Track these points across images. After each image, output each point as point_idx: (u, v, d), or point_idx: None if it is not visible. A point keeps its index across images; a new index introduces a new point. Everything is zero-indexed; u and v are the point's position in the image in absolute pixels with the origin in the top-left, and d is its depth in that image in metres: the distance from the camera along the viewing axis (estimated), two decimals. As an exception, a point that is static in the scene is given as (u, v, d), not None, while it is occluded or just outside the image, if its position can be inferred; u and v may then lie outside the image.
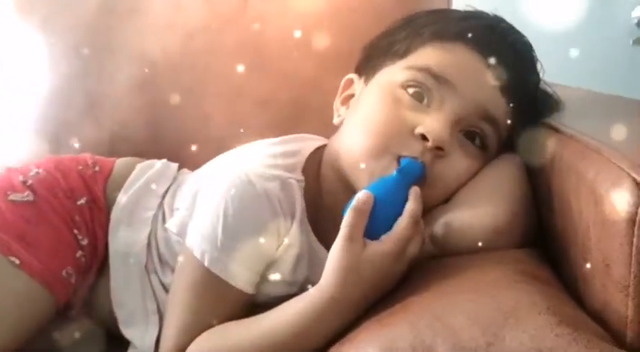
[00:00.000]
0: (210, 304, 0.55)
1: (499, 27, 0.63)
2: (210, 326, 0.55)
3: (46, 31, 0.98)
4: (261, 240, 0.56)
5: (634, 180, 0.37)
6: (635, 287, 0.37)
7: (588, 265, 0.42)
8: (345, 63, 0.77)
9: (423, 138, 0.56)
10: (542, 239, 0.55)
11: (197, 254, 0.56)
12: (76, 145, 0.87)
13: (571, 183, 0.47)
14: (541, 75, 0.65)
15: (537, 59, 0.65)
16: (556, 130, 0.54)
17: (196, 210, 0.60)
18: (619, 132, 0.46)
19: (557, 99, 0.64)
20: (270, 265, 0.59)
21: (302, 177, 0.61)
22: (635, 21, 1.21)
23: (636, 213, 0.36)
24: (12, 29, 1.01)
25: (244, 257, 0.56)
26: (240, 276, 0.56)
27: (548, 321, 0.38)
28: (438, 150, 0.56)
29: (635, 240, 0.36)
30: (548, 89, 0.65)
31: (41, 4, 1.01)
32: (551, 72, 0.94)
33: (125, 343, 0.65)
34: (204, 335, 0.54)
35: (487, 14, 0.65)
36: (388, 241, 0.51)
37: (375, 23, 0.83)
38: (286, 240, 0.59)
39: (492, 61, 0.58)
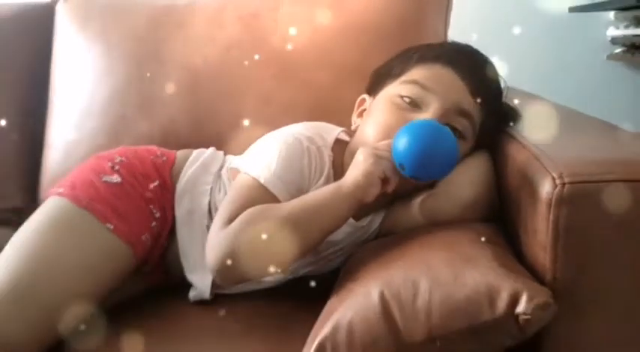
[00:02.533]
0: (250, 203, 0.71)
1: (466, 50, 0.83)
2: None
3: (102, 41, 1.14)
4: (298, 178, 0.76)
5: (552, 177, 0.55)
6: (551, 247, 0.55)
7: (524, 233, 0.60)
8: (357, 75, 0.96)
9: None
10: (500, 217, 0.73)
11: (254, 175, 0.75)
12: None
13: (518, 179, 0.64)
14: (503, 84, 0.83)
15: (497, 73, 0.83)
16: (515, 139, 0.71)
17: (252, 155, 0.80)
18: (559, 143, 0.64)
19: (519, 113, 0.82)
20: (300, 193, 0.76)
21: (331, 153, 0.81)
22: (609, 38, 1.36)
23: (551, 199, 0.54)
24: (72, 39, 1.17)
25: (285, 181, 0.75)
26: (281, 190, 0.74)
27: (493, 266, 0.56)
28: None
29: (551, 216, 0.54)
30: (513, 105, 0.83)
31: (96, 21, 1.17)
32: (532, 84, 1.10)
33: (186, 288, 0.82)
34: (249, 209, 0.70)
35: (458, 43, 0.86)
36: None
37: (381, 41, 1.03)
38: (312, 189, 0.77)
39: (461, 72, 0.77)
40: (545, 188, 0.55)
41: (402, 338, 0.57)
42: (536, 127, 0.73)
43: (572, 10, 1.31)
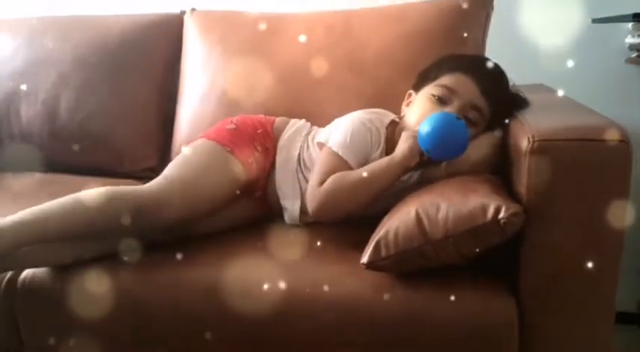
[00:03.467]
0: (335, 169, 1.07)
1: (481, 61, 1.13)
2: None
3: (220, 43, 1.48)
4: (363, 150, 1.11)
5: (528, 137, 0.84)
6: (526, 182, 0.84)
7: (514, 174, 0.91)
8: (412, 72, 1.21)
9: None
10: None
11: (335, 148, 1.09)
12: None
13: (513, 141, 0.94)
14: (510, 83, 1.12)
15: (503, 75, 1.11)
16: (517, 118, 1.00)
17: (333, 134, 1.13)
18: (541, 118, 0.94)
19: (527, 101, 1.09)
20: (364, 163, 1.09)
21: (385, 131, 1.14)
22: (628, 45, 1.58)
23: (526, 151, 0.83)
24: (197, 42, 1.52)
25: (355, 153, 1.09)
26: (353, 160, 1.09)
27: (488, 193, 0.87)
28: None
29: (526, 162, 0.84)
30: (522, 95, 1.11)
31: (216, 28, 1.51)
32: (560, 83, 1.33)
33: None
34: (332, 176, 1.05)
35: (478, 55, 1.17)
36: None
37: (432, 46, 1.29)
38: (373, 156, 1.11)
39: (475, 78, 1.07)
40: (524, 144, 0.86)
41: (428, 236, 0.88)
42: (534, 110, 1.03)
43: (595, 21, 1.55)
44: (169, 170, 1.12)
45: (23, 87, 1.55)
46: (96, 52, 1.55)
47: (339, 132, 1.13)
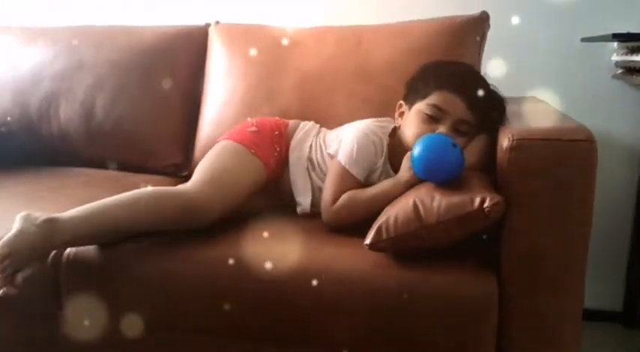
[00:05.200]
0: (345, 185, 1.21)
1: (467, 77, 1.23)
2: (345, 193, 1.20)
3: (242, 54, 1.61)
4: (368, 161, 1.24)
5: (508, 137, 0.98)
6: (506, 175, 0.99)
7: (498, 168, 1.05)
8: None
9: None
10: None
11: (342, 163, 1.23)
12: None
13: (500, 143, 1.07)
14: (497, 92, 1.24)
15: (489, 87, 1.23)
16: (507, 124, 1.14)
17: (341, 146, 1.26)
18: (523, 122, 1.09)
19: (504, 99, 1.24)
20: (370, 173, 1.24)
21: (388, 139, 1.28)
22: (614, 62, 1.69)
23: (507, 148, 0.97)
24: (221, 52, 1.65)
25: (362, 166, 1.23)
26: (360, 174, 1.23)
27: (476, 186, 1.02)
28: None
29: (507, 158, 0.99)
30: (500, 94, 1.24)
31: (238, 39, 1.64)
32: (549, 97, 1.47)
33: (293, 208, 1.31)
34: (344, 195, 1.19)
35: (464, 71, 1.25)
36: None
37: (431, 58, 1.35)
38: (377, 164, 1.25)
39: (461, 95, 1.18)
40: (505, 142, 1.00)
41: (423, 221, 1.02)
42: (522, 116, 1.17)
43: (584, 40, 1.68)
44: (206, 172, 1.24)
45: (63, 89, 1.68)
46: (128, 58, 1.69)
47: (346, 145, 1.25)
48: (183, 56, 1.70)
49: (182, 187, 1.19)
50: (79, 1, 2.05)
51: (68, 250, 1.16)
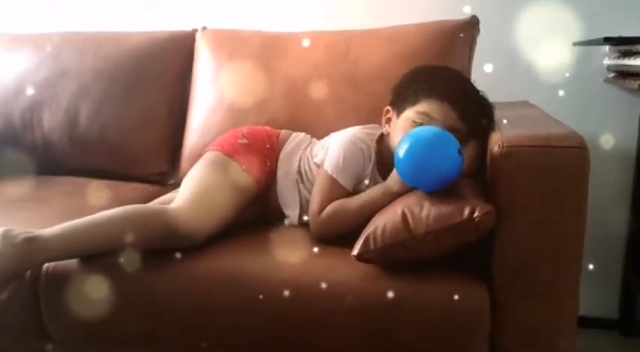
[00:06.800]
0: (332, 194, 1.17)
1: (456, 86, 1.19)
2: (333, 202, 1.16)
3: (230, 60, 1.59)
4: (356, 169, 1.20)
5: (499, 144, 0.95)
6: (496, 182, 0.96)
7: (489, 175, 1.02)
8: None
9: None
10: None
11: (330, 172, 1.19)
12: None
13: (490, 150, 1.05)
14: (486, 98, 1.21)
15: (478, 93, 1.20)
16: (495, 129, 1.11)
17: (328, 155, 1.22)
18: (513, 129, 1.06)
19: (492, 105, 1.21)
20: (358, 181, 1.21)
21: (375, 145, 1.24)
22: (605, 66, 1.67)
23: (498, 155, 0.94)
24: (207, 58, 1.63)
25: (349, 175, 1.20)
26: (348, 182, 1.19)
27: (466, 195, 0.99)
28: None
29: (497, 164, 0.95)
30: (488, 101, 1.22)
31: (225, 45, 1.62)
32: (543, 101, 1.45)
33: (280, 219, 1.28)
34: (331, 205, 1.16)
35: (452, 78, 1.22)
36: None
37: (422, 62, 1.33)
38: (365, 172, 1.22)
39: (452, 104, 1.15)
40: (495, 149, 0.97)
41: (412, 231, 0.99)
42: (512, 122, 1.15)
43: (576, 44, 1.68)
44: (194, 190, 1.19)
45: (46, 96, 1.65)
46: (114, 65, 1.66)
47: (333, 154, 1.21)
48: (170, 62, 1.68)
49: (170, 208, 1.14)
50: (63, 6, 2.03)
51: (46, 264, 1.13)
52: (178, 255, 1.08)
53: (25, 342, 1.19)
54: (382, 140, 1.27)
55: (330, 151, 1.24)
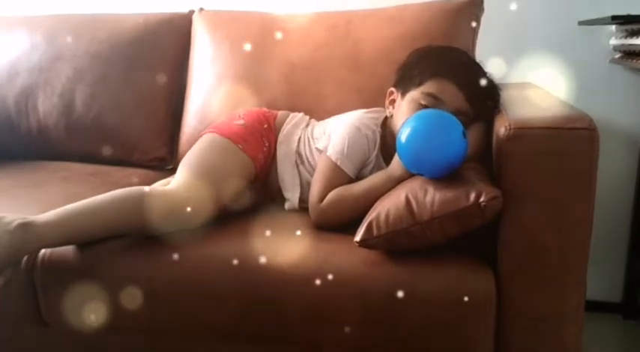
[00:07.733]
0: (334, 181, 1.15)
1: (464, 65, 1.16)
2: (333, 190, 1.14)
3: (227, 42, 1.55)
4: (361, 157, 1.18)
5: (505, 126, 0.93)
6: (504, 165, 0.93)
7: (495, 157, 0.99)
8: None
9: None
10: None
11: (333, 158, 1.16)
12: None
13: (496, 132, 1.02)
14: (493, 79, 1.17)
15: (486, 75, 1.16)
16: (501, 110, 1.09)
17: (331, 140, 1.20)
18: (520, 110, 1.03)
19: (499, 87, 1.18)
20: (361, 167, 1.19)
21: (380, 130, 1.21)
22: (611, 46, 1.64)
23: (504, 137, 0.92)
24: (204, 40, 1.59)
25: (353, 162, 1.17)
26: (351, 170, 1.16)
27: (472, 179, 0.96)
28: None
29: (504, 147, 0.93)
30: (496, 84, 1.18)
31: (223, 27, 1.58)
32: (545, 82, 1.41)
33: (281, 203, 1.26)
34: (332, 192, 1.13)
35: (460, 57, 1.18)
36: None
37: (424, 44, 1.28)
38: (370, 158, 1.19)
39: (459, 85, 1.12)
40: (503, 131, 0.94)
41: (416, 217, 0.97)
42: (518, 104, 1.12)
43: (582, 23, 1.63)
44: (193, 170, 1.17)
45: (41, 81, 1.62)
46: (109, 48, 1.62)
47: (337, 140, 1.18)
48: (166, 45, 1.64)
49: (168, 188, 1.12)
50: (57, -11, 1.98)
51: (44, 251, 1.11)
52: (176, 256, 1.05)
53: (21, 330, 1.16)
54: (385, 123, 1.23)
55: (333, 137, 1.20)
